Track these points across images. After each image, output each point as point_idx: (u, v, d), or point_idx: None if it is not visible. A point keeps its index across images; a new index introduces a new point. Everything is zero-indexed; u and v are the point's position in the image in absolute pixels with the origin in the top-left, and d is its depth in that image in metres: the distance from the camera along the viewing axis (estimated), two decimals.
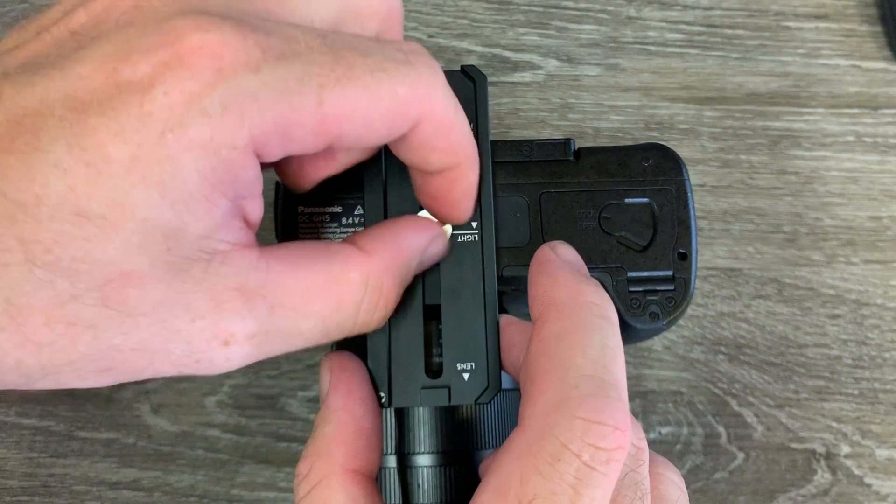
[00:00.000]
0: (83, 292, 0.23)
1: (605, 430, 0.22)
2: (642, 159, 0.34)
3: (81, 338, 0.23)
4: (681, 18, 0.51)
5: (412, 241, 0.29)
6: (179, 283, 0.23)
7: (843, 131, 0.50)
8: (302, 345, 0.27)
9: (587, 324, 0.25)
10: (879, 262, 0.48)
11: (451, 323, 0.31)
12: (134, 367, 0.24)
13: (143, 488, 0.43)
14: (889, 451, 0.46)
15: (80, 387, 0.25)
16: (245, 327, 0.25)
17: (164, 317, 0.24)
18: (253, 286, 0.25)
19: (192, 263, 0.24)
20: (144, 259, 0.23)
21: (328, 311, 0.26)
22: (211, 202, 0.24)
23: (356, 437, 0.29)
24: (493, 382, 0.31)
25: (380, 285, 0.27)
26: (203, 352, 0.24)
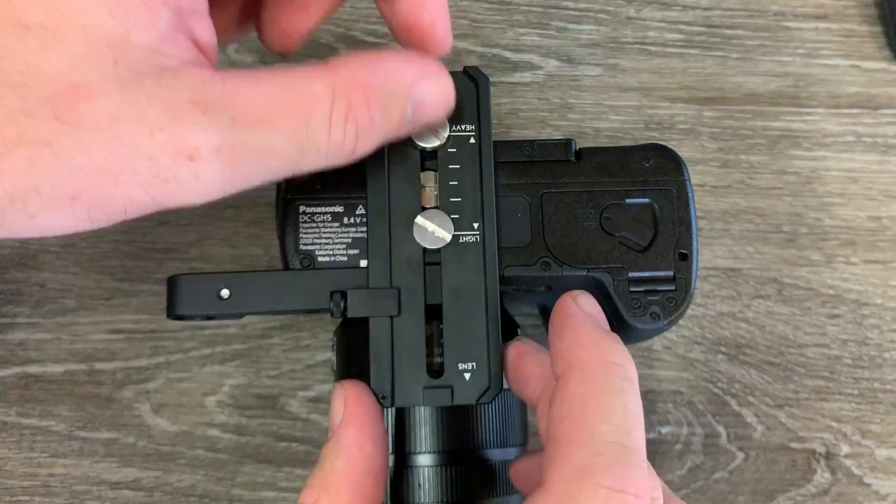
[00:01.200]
0: (34, 106, 0.22)
1: (628, 499, 0.22)
2: (643, 160, 0.34)
3: (40, 157, 0.23)
4: (680, 19, 0.51)
5: (394, 65, 0.28)
6: (132, 97, 0.23)
7: (843, 131, 0.50)
8: (279, 165, 0.26)
9: (610, 387, 0.25)
10: (879, 262, 0.48)
11: (452, 323, 0.31)
12: (102, 191, 0.24)
13: (144, 488, 0.43)
14: (889, 450, 0.46)
15: (55, 223, 0.24)
16: (207, 139, 0.24)
17: (122, 131, 0.23)
18: (209, 98, 0.24)
19: (142, 77, 0.23)
20: (91, 70, 0.23)
21: (296, 122, 0.25)
22: (151, 9, 0.23)
23: (365, 475, 0.28)
24: (495, 382, 0.31)
25: (347, 97, 0.26)
26: (169, 168, 0.24)
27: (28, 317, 0.45)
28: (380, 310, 0.31)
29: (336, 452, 0.28)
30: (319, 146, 0.26)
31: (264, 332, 0.45)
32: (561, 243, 0.33)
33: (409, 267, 0.32)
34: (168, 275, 0.33)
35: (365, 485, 0.28)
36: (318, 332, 0.46)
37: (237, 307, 0.31)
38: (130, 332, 0.45)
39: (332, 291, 0.31)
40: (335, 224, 0.33)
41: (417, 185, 0.32)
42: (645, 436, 0.24)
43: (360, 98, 0.26)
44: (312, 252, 0.32)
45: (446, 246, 0.32)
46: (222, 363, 0.45)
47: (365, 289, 0.31)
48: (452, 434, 0.32)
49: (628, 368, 0.26)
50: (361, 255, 0.32)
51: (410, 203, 0.32)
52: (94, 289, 0.45)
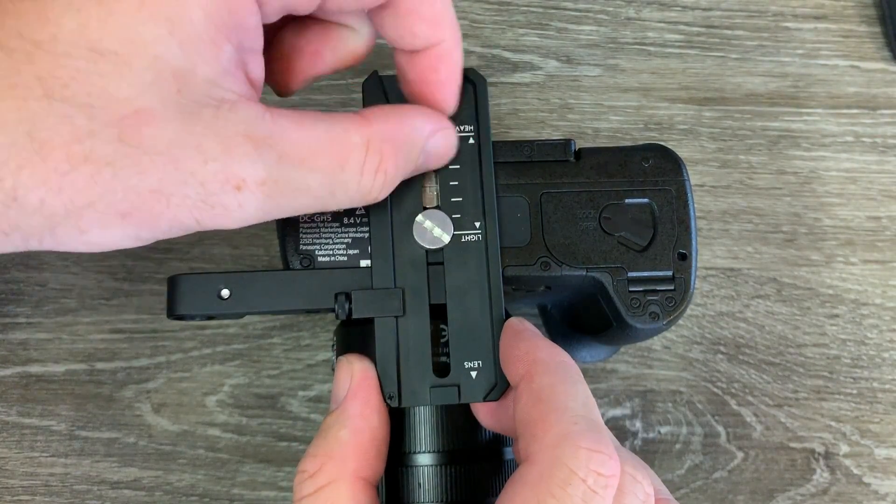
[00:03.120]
0: (100, 128, 0.24)
1: (604, 458, 0.25)
2: (642, 160, 0.34)
3: (101, 175, 0.24)
4: (680, 19, 0.52)
5: (415, 121, 0.30)
6: (191, 125, 0.25)
7: (842, 131, 0.50)
8: (310, 203, 0.27)
9: (570, 377, 0.28)
10: (878, 262, 0.48)
11: (457, 322, 0.31)
12: (152, 211, 0.25)
13: (144, 488, 0.43)
14: (888, 450, 0.46)
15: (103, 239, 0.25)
16: (255, 172, 0.25)
17: (178, 156, 0.25)
18: (261, 134, 0.26)
19: (201, 108, 0.25)
20: (156, 98, 0.24)
21: (333, 167, 0.27)
22: (216, 45, 0.25)
23: (369, 446, 0.29)
24: (501, 380, 0.31)
25: (380, 150, 0.28)
26: (216, 195, 0.25)
27: (29, 316, 0.45)
28: (385, 310, 0.31)
29: (342, 423, 0.29)
30: (349, 191, 0.28)
31: (265, 332, 0.45)
32: (560, 243, 0.33)
33: (412, 267, 0.32)
34: (168, 275, 0.33)
35: (369, 455, 0.29)
36: (318, 332, 0.46)
37: (237, 307, 0.31)
38: (131, 332, 0.45)
39: (337, 293, 0.31)
40: (335, 224, 0.33)
41: (418, 185, 0.32)
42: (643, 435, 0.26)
43: (390, 151, 0.28)
44: (312, 252, 0.32)
45: (449, 245, 0.32)
46: (223, 363, 0.45)
47: (369, 290, 0.31)
48: (453, 433, 0.32)
49: (577, 367, 0.29)
50: (361, 255, 0.32)
51: (411, 203, 0.32)
52: (94, 288, 0.45)
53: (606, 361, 0.46)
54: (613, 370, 0.46)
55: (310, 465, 0.29)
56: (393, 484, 0.32)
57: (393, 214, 0.32)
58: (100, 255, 0.46)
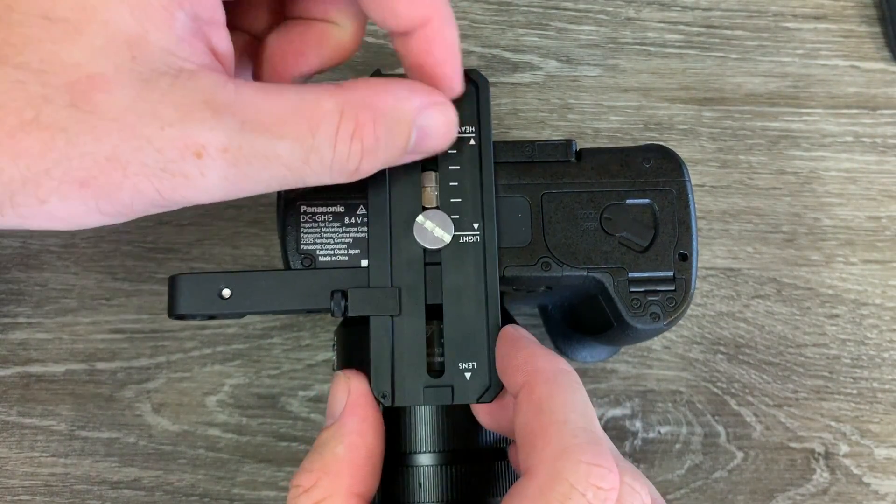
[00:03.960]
0: (53, 93, 0.24)
1: (604, 472, 0.25)
2: (643, 160, 0.34)
3: (55, 141, 0.24)
4: (680, 19, 0.52)
5: (402, 92, 0.29)
6: (147, 93, 0.24)
7: (842, 132, 0.50)
8: (283, 172, 0.27)
9: (570, 387, 0.28)
10: (878, 262, 0.48)
11: (453, 322, 0.31)
12: (110, 179, 0.25)
13: (144, 488, 0.43)
14: (888, 450, 0.46)
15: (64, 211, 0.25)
16: (215, 138, 0.25)
17: (133, 123, 0.24)
18: (221, 101, 0.25)
19: (158, 76, 0.25)
20: (109, 63, 0.24)
21: (303, 133, 0.26)
22: (168, 12, 0.25)
23: (365, 462, 0.29)
24: (496, 381, 0.31)
25: (355, 116, 0.27)
26: (176, 163, 0.25)
27: (29, 316, 0.45)
28: (380, 309, 0.31)
29: (338, 439, 0.29)
30: (324, 159, 0.27)
31: (265, 332, 0.45)
32: (561, 244, 0.33)
33: (409, 267, 0.32)
34: (169, 274, 0.33)
35: (364, 472, 0.29)
36: (319, 332, 0.46)
37: (238, 307, 0.31)
38: (131, 332, 0.45)
39: (333, 291, 0.31)
40: (336, 224, 0.33)
41: (418, 185, 0.32)
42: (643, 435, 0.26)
43: (368, 118, 0.27)
44: (313, 252, 0.32)
45: (447, 246, 0.32)
46: (223, 363, 0.45)
47: (366, 288, 0.31)
48: (453, 433, 0.32)
49: (576, 375, 0.29)
50: (362, 254, 0.32)
51: (411, 203, 0.32)
52: (95, 289, 0.45)
53: (606, 361, 0.46)
54: (613, 370, 0.46)
55: (305, 480, 0.29)
56: (393, 484, 0.32)
57: (392, 214, 0.32)
58: (100, 255, 0.45)
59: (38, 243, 0.46)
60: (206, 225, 0.46)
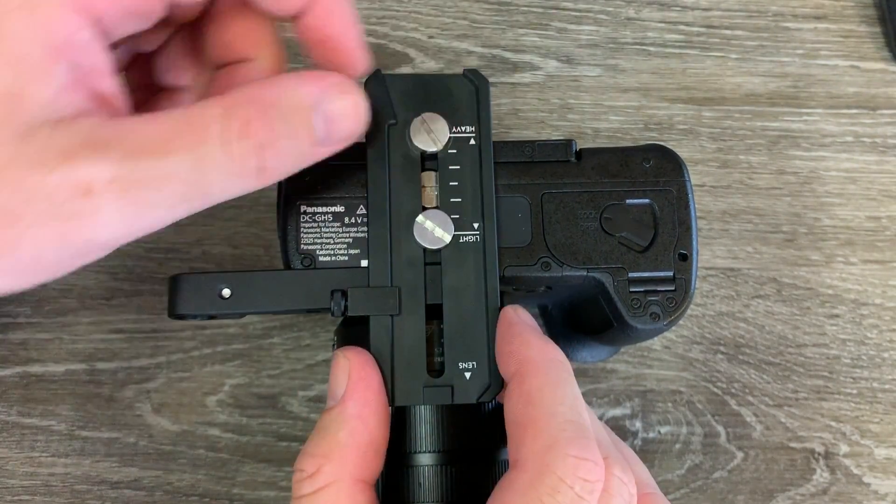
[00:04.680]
0: None
1: (590, 465, 0.26)
2: (643, 160, 0.34)
3: None
4: (680, 19, 0.52)
5: (290, 82, 0.28)
6: (26, 146, 0.24)
7: (842, 132, 0.50)
8: (182, 189, 0.26)
9: (559, 378, 0.28)
10: (878, 262, 0.48)
11: (452, 322, 0.31)
12: (7, 234, 0.24)
13: (144, 488, 0.43)
14: (888, 450, 0.46)
15: None
16: (100, 172, 0.24)
17: (17, 176, 0.24)
18: (101, 137, 0.25)
19: (36, 128, 0.24)
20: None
21: (190, 144, 0.25)
22: (46, 65, 0.24)
23: (367, 447, 0.29)
24: (495, 381, 0.31)
25: (241, 114, 0.26)
26: (67, 205, 0.24)
27: (29, 316, 0.45)
28: (380, 309, 0.31)
29: (340, 424, 0.29)
30: (220, 165, 0.26)
31: (265, 332, 0.45)
32: (561, 243, 0.33)
33: (409, 266, 0.32)
34: (169, 274, 0.33)
35: (367, 456, 0.29)
36: (319, 332, 0.46)
37: (238, 307, 0.31)
38: (131, 332, 0.45)
39: (333, 290, 0.31)
40: (336, 224, 0.33)
41: (418, 185, 0.32)
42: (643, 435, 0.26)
43: (256, 113, 0.26)
44: (313, 252, 0.32)
45: (447, 246, 0.32)
46: (223, 363, 0.45)
47: (365, 288, 0.31)
48: (453, 433, 0.32)
49: (567, 363, 0.30)
50: (362, 254, 0.32)
51: (411, 203, 0.32)
52: (94, 288, 0.45)
53: (606, 361, 0.46)
54: (613, 370, 0.46)
55: (308, 464, 0.29)
56: (393, 483, 0.32)
57: (392, 214, 0.32)
58: None
59: None
60: (206, 225, 0.46)
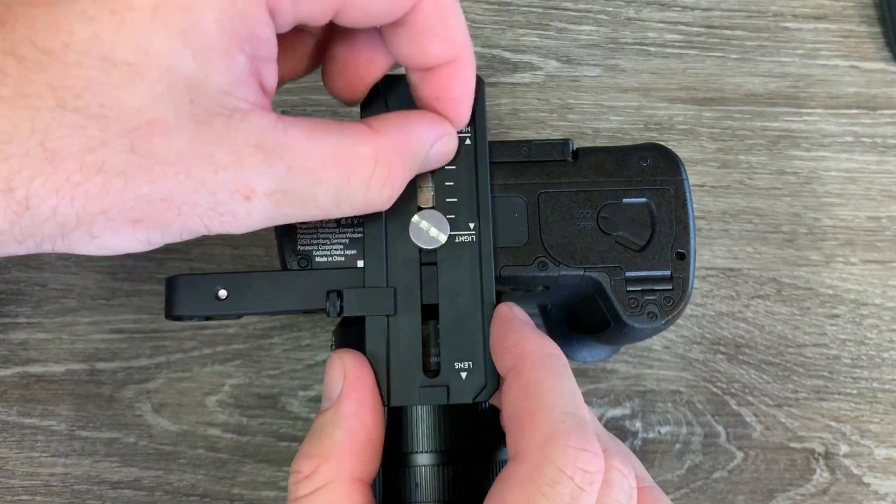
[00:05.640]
0: (112, 138, 0.24)
1: (590, 457, 0.26)
2: (640, 159, 0.34)
3: (113, 184, 0.24)
4: (680, 19, 0.52)
5: (422, 130, 0.30)
6: (202, 135, 0.25)
7: (842, 132, 0.50)
8: (315, 213, 0.28)
9: (557, 372, 0.29)
10: (878, 262, 0.48)
11: (448, 322, 0.32)
12: (163, 218, 0.26)
13: (145, 488, 0.43)
14: (888, 450, 0.46)
15: (114, 243, 0.26)
16: (265, 183, 0.26)
17: (189, 166, 0.25)
18: (271, 145, 0.26)
19: (213, 117, 0.25)
20: (169, 108, 0.24)
21: (340, 180, 0.27)
22: (230, 55, 0.25)
23: (364, 447, 0.29)
24: (491, 381, 0.31)
25: (388, 163, 0.28)
26: (226, 204, 0.26)
27: (29, 317, 0.45)
28: (376, 309, 0.31)
29: (336, 424, 0.29)
30: (354, 203, 0.28)
31: (265, 332, 0.46)
32: (558, 243, 0.33)
33: (405, 267, 0.32)
34: (169, 275, 0.33)
35: (364, 456, 0.29)
36: (318, 332, 0.46)
37: (235, 308, 0.31)
38: (131, 332, 0.45)
39: (329, 291, 0.31)
40: (332, 225, 0.33)
41: (414, 185, 0.32)
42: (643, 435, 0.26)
43: (398, 163, 0.29)
44: (310, 253, 0.32)
45: (442, 246, 0.32)
46: (223, 363, 0.45)
47: (361, 288, 0.31)
48: (450, 433, 0.32)
49: (564, 358, 0.30)
50: (359, 255, 0.32)
51: (407, 203, 0.32)
52: (95, 289, 0.45)
53: (606, 361, 0.46)
54: (613, 370, 0.46)
55: (305, 465, 0.29)
56: (391, 484, 0.32)
57: (387, 214, 0.32)
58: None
59: None
60: None
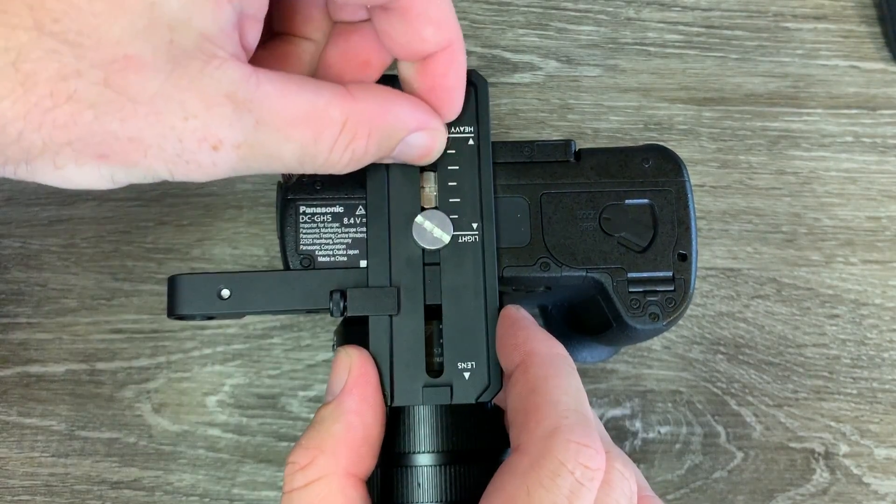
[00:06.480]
0: (87, 68, 0.23)
1: (592, 453, 0.26)
2: (643, 160, 0.34)
3: (82, 116, 0.24)
4: (680, 19, 0.52)
5: (403, 111, 0.30)
6: (177, 78, 0.25)
7: (842, 132, 0.50)
8: (278, 168, 0.28)
9: (563, 371, 0.29)
10: (878, 262, 0.48)
11: (451, 322, 0.31)
12: (128, 157, 0.25)
13: (144, 488, 0.43)
14: (887, 450, 0.46)
15: (78, 177, 0.25)
16: (233, 135, 0.26)
17: (161, 109, 0.25)
18: (242, 97, 0.26)
19: (190, 60, 0.25)
20: (148, 46, 0.24)
21: (307, 139, 0.27)
22: (217, 3, 0.25)
23: (362, 442, 0.29)
24: (494, 381, 0.31)
25: (354, 130, 0.28)
26: (193, 153, 0.26)
27: (29, 317, 0.45)
28: (379, 309, 0.31)
29: (335, 417, 0.29)
30: (316, 162, 0.28)
31: (265, 332, 0.46)
32: (560, 244, 0.33)
33: (408, 267, 0.32)
34: (169, 275, 0.33)
35: (361, 452, 0.29)
36: (319, 332, 0.46)
37: (237, 307, 0.31)
38: (131, 332, 0.45)
39: (332, 291, 0.31)
40: (335, 224, 0.33)
41: (417, 185, 0.32)
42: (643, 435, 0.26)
43: (365, 132, 0.28)
44: (312, 252, 0.32)
45: (445, 246, 0.32)
46: (223, 363, 0.45)
47: (364, 288, 0.31)
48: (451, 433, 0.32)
49: (571, 360, 0.30)
50: (361, 255, 0.32)
51: (410, 203, 0.32)
52: (95, 289, 0.45)
53: (606, 361, 0.46)
54: (613, 370, 0.46)
55: (301, 457, 0.29)
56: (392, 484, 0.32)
57: (391, 214, 0.32)
58: (100, 255, 0.46)
59: (38, 243, 0.46)
60: (206, 225, 0.46)
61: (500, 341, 0.31)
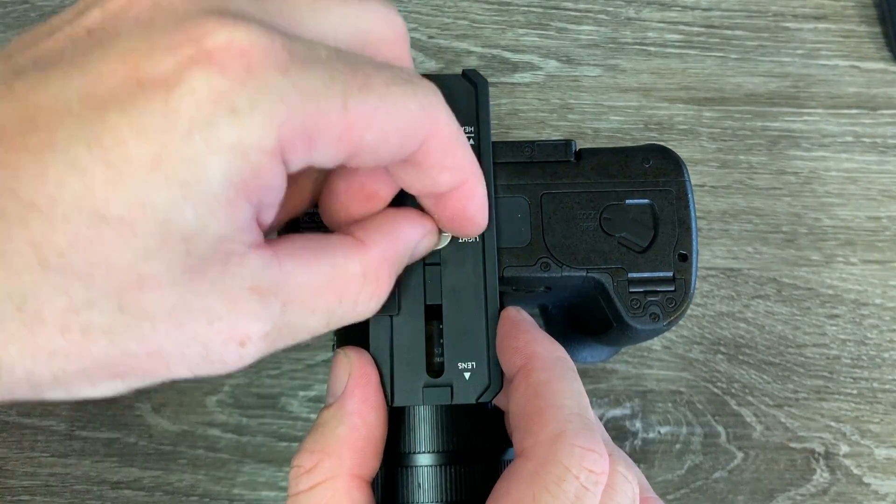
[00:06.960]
0: (98, 298, 0.22)
1: (596, 457, 0.26)
2: (643, 160, 0.34)
3: (97, 344, 0.22)
4: (680, 19, 0.52)
5: (408, 233, 0.30)
6: (196, 286, 0.23)
7: (842, 132, 0.50)
8: (306, 338, 0.27)
9: (566, 374, 0.29)
10: (878, 262, 0.48)
11: (452, 322, 0.31)
12: (148, 371, 0.23)
13: (144, 488, 0.43)
14: (888, 450, 0.46)
15: (91, 396, 0.24)
16: (260, 326, 0.24)
17: (181, 320, 0.23)
18: (267, 285, 0.24)
19: (208, 265, 0.23)
20: (162, 263, 0.22)
21: (332, 304, 0.27)
22: (234, 206, 0.23)
23: (366, 444, 0.29)
24: (495, 381, 0.31)
25: (377, 277, 0.28)
26: (218, 354, 0.24)
27: None
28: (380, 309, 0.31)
29: (339, 420, 0.29)
30: (344, 319, 0.28)
31: None
32: (561, 244, 0.33)
33: (409, 267, 0.32)
34: None
35: (366, 453, 0.29)
36: None
37: None
38: None
39: None
40: None
41: None
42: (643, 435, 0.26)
43: (385, 275, 0.28)
44: None
45: (446, 246, 0.32)
46: None
47: None
48: (452, 434, 0.32)
49: (572, 363, 0.30)
50: None
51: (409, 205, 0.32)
52: None
53: (606, 361, 0.46)
54: (613, 370, 0.46)
55: (306, 460, 0.29)
56: (392, 484, 0.32)
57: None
58: None
59: None
60: None
61: (501, 344, 0.31)
